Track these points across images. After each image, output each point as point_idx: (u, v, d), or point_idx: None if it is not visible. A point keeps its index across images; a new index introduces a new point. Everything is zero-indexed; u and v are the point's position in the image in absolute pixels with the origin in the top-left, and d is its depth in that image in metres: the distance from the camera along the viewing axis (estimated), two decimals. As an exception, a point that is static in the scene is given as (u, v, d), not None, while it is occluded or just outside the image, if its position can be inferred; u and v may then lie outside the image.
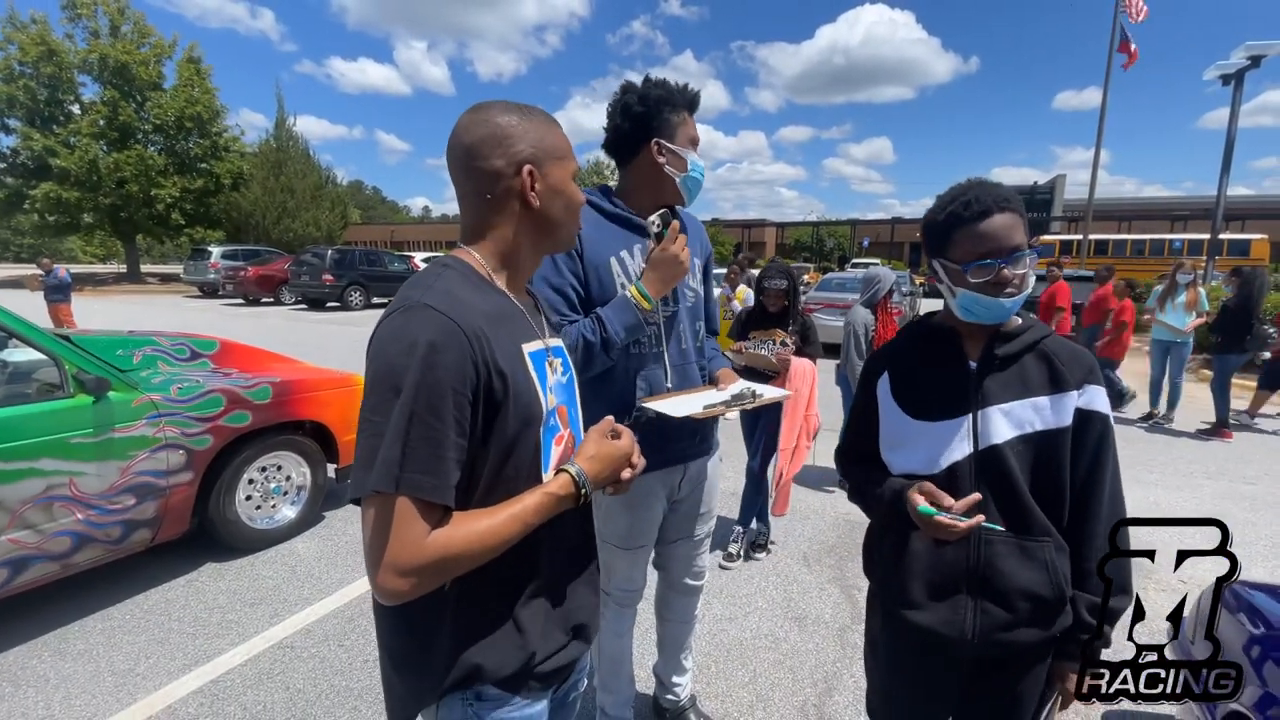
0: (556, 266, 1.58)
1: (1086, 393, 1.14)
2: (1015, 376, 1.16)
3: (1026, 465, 1.13)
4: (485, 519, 0.83)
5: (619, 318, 1.53)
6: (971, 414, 1.16)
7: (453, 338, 0.80)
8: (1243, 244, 22.74)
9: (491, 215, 0.95)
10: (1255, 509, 4.34)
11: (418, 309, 0.82)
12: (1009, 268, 1.11)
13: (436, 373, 0.78)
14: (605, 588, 1.89)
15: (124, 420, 2.69)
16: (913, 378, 1.25)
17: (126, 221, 24.59)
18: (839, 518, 3.99)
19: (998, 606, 1.14)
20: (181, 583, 3.01)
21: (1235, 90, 12.60)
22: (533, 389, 0.91)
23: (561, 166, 0.97)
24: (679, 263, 1.53)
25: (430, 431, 0.78)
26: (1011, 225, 1.11)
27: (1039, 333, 1.19)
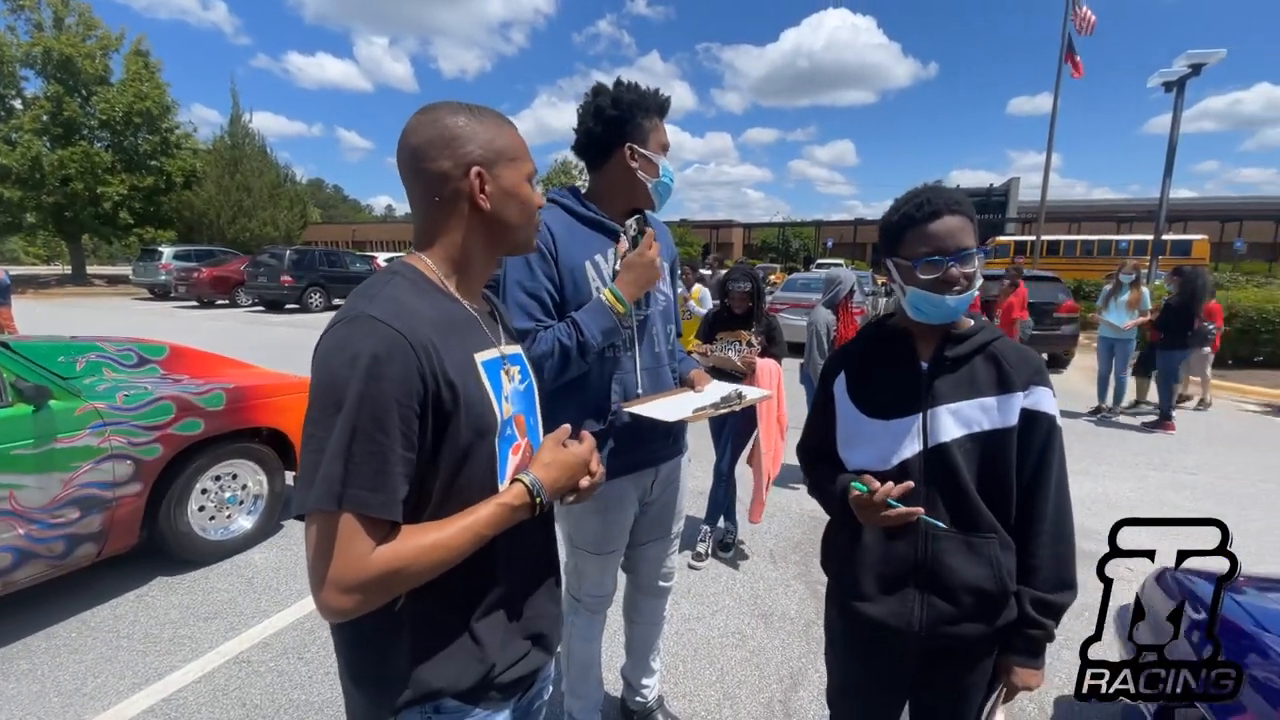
0: (531, 270, 1.57)
1: (1033, 394, 1.17)
2: (965, 377, 1.20)
3: (973, 463, 1.17)
4: (434, 532, 0.82)
5: (595, 322, 1.53)
6: (922, 413, 1.20)
7: (397, 349, 0.78)
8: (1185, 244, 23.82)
9: (441, 219, 0.93)
10: (1196, 498, 4.55)
11: (361, 320, 0.80)
12: (956, 266, 1.15)
13: (380, 385, 0.76)
14: (575, 593, 1.88)
15: (66, 430, 2.57)
16: (868, 377, 1.29)
17: (71, 221, 23.53)
18: (804, 515, 4.05)
19: (943, 600, 1.19)
20: (131, 598, 2.90)
21: (1177, 97, 13.19)
22: (486, 399, 0.89)
23: (514, 168, 0.94)
24: (653, 267, 1.54)
25: (374, 446, 0.76)
26: (960, 227, 1.16)
27: (989, 335, 1.23)
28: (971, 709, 1.25)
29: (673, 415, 1.49)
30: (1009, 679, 1.21)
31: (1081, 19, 16.48)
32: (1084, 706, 2.29)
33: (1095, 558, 1.06)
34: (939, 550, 1.18)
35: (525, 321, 1.56)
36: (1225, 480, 4.97)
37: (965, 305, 1.19)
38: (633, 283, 1.54)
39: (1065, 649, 2.62)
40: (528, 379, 1.05)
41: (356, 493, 0.75)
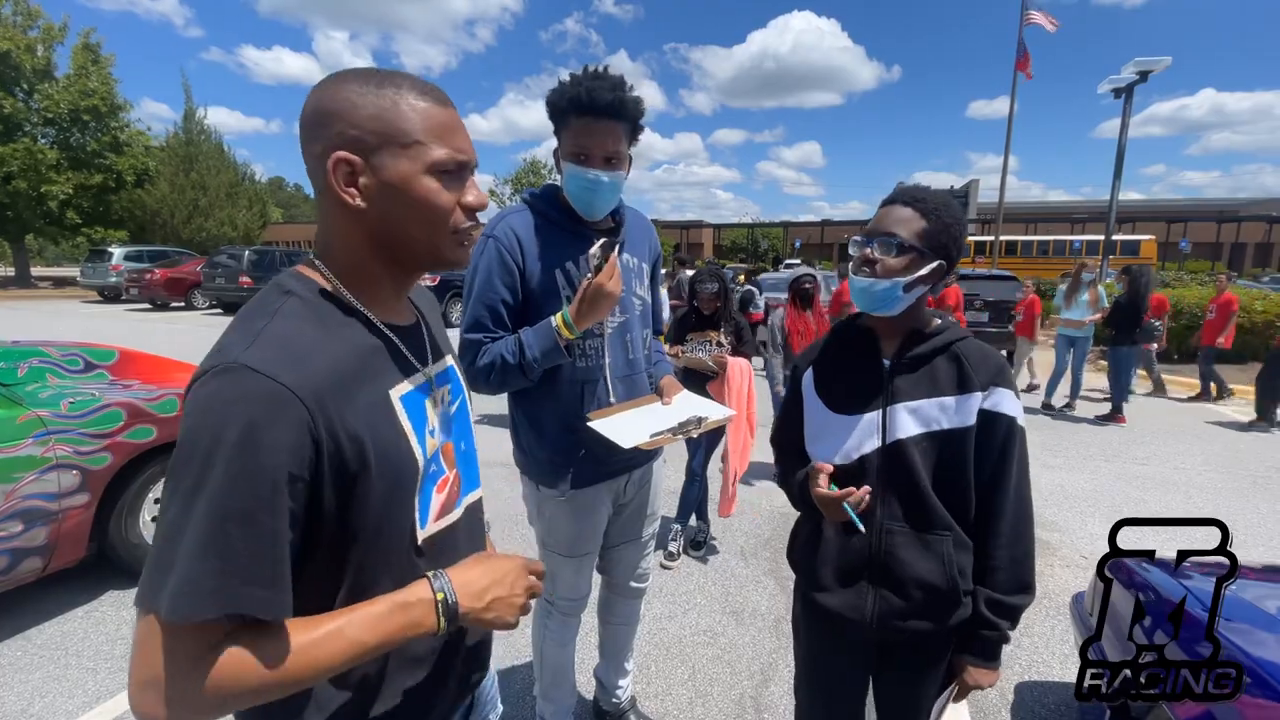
0: (490, 280, 1.54)
1: (993, 395, 1.17)
2: (925, 376, 1.21)
3: (930, 461, 1.18)
4: (304, 632, 0.65)
5: (538, 343, 1.49)
6: (881, 410, 1.22)
7: (279, 408, 0.63)
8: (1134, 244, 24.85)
9: (325, 218, 0.76)
10: (1145, 488, 4.73)
11: (235, 372, 0.63)
12: (869, 248, 1.17)
13: (258, 459, 0.61)
14: (549, 597, 1.86)
15: (7, 439, 2.45)
16: (834, 373, 1.31)
17: (13, 221, 22.40)
18: (774, 511, 4.09)
19: (894, 594, 1.21)
20: (80, 613, 2.77)
21: (1126, 102, 13.73)
22: (403, 445, 0.75)
23: (406, 156, 0.71)
24: (610, 296, 1.47)
25: (252, 533, 0.61)
26: (898, 217, 1.16)
27: (953, 335, 1.23)
28: (928, 702, 1.27)
29: (629, 440, 1.47)
30: (963, 678, 1.22)
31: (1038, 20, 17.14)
32: (1042, 692, 2.37)
33: (1053, 547, 1.09)
34: (892, 545, 1.20)
35: (474, 333, 1.54)
36: (1174, 470, 5.18)
37: (878, 296, 1.17)
38: (587, 312, 1.47)
39: (1025, 635, 2.70)
40: (459, 396, 0.92)
41: (235, 593, 0.60)
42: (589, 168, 1.50)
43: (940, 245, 1.16)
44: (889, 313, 1.20)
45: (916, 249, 1.14)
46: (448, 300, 14.16)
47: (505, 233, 1.55)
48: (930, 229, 1.15)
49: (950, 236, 1.16)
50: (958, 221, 1.17)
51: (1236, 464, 5.37)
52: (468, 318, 1.55)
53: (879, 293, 1.17)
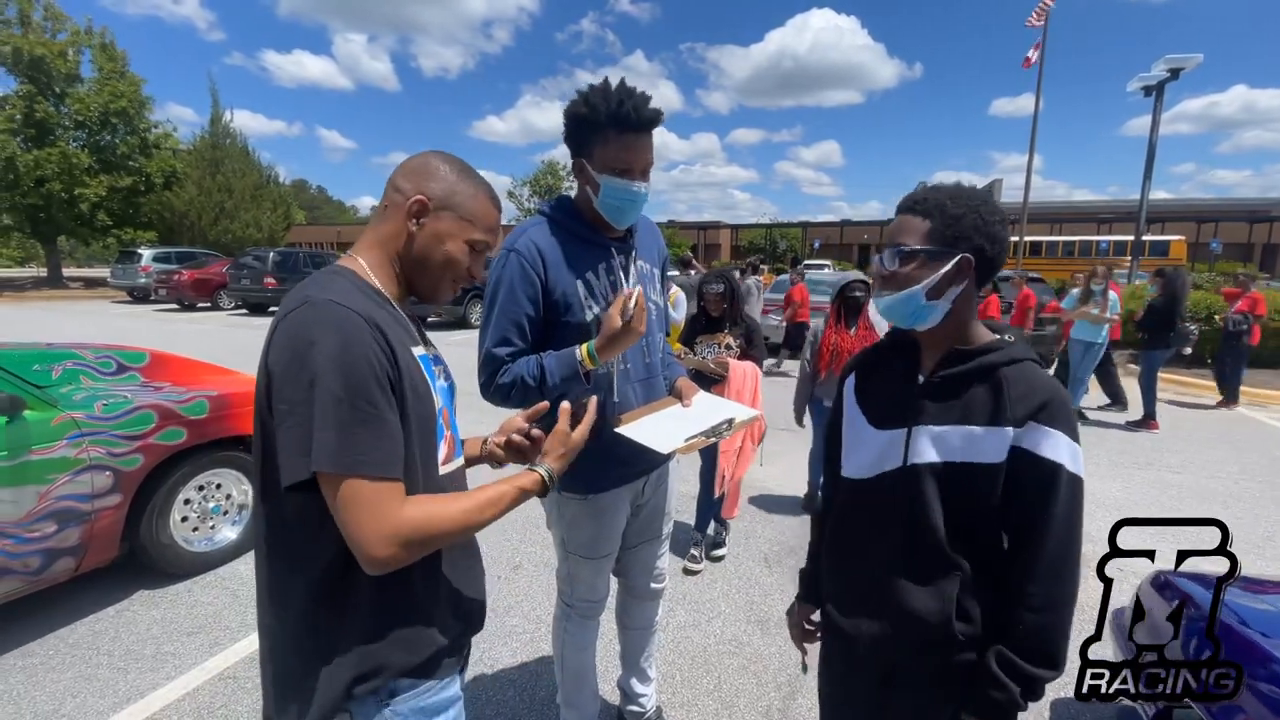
0: (513, 293, 1.54)
1: (1032, 433, 1.01)
2: (958, 399, 1.09)
3: (947, 494, 1.09)
4: (462, 502, 0.93)
5: (560, 370, 1.51)
6: (907, 428, 1.13)
7: (359, 326, 0.86)
8: (1163, 245, 24.29)
9: (380, 224, 1.03)
10: (1181, 497, 4.60)
11: (321, 304, 0.87)
12: (880, 264, 1.13)
13: (353, 354, 0.84)
14: (568, 599, 1.85)
15: (42, 441, 2.49)
16: (874, 383, 1.26)
17: (47, 223, 23.04)
18: (798, 519, 4.03)
19: (885, 620, 1.14)
20: (110, 613, 2.81)
21: (1156, 100, 13.44)
22: (426, 385, 0.99)
23: (460, 226, 1.02)
24: (636, 334, 1.48)
25: (364, 411, 0.84)
26: (902, 226, 1.10)
27: (1002, 358, 1.08)
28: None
29: (665, 445, 1.45)
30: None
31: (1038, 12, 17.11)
32: (1079, 711, 2.30)
33: (1087, 559, 1.02)
34: (893, 571, 1.14)
35: (500, 348, 1.55)
36: (1210, 479, 5.03)
37: (898, 311, 1.12)
38: (611, 348, 1.48)
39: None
40: (450, 380, 1.13)
41: (359, 455, 0.82)
42: (633, 181, 1.52)
43: (955, 238, 1.05)
44: (926, 325, 1.12)
45: (924, 251, 1.06)
46: (468, 301, 14.29)
47: (527, 246, 1.55)
48: (936, 226, 1.06)
49: (968, 226, 1.05)
50: (973, 209, 1.06)
51: (1276, 473, 5.20)
52: (493, 333, 1.56)
53: (898, 306, 1.11)
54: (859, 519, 1.22)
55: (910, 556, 1.12)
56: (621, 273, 1.65)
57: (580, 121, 1.49)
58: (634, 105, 1.45)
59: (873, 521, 1.18)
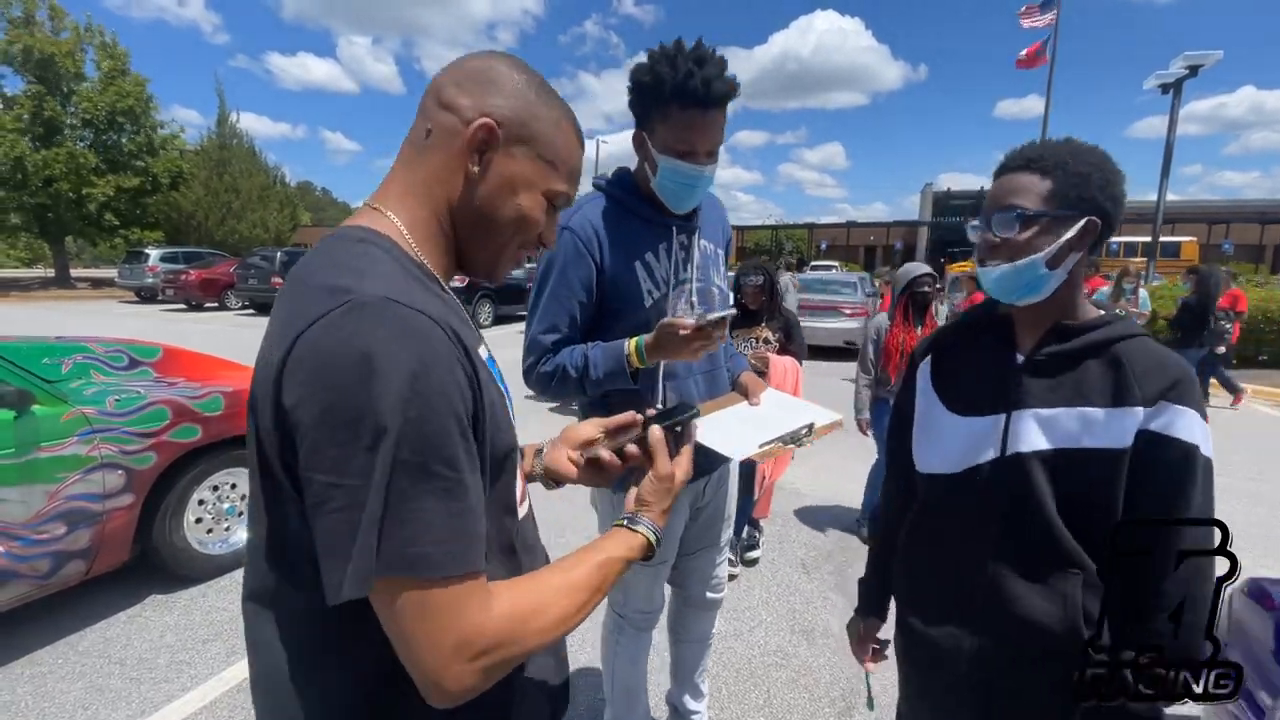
0: (565, 276, 1.40)
1: (1163, 413, 0.91)
2: (1070, 379, 0.97)
3: (1059, 485, 0.96)
4: (556, 589, 0.66)
5: (605, 364, 1.38)
6: (1005, 414, 1.00)
7: (440, 343, 0.58)
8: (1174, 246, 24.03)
9: (419, 161, 0.70)
10: (1227, 500, 4.42)
11: (375, 305, 0.57)
12: (989, 231, 0.97)
13: (429, 397, 0.55)
14: (620, 610, 1.72)
15: (51, 438, 2.36)
16: (956, 364, 1.12)
17: (55, 222, 23.00)
18: (834, 521, 3.88)
19: (997, 636, 1.00)
20: (122, 619, 2.68)
21: (1174, 98, 13.22)
22: (505, 408, 0.72)
23: (539, 170, 0.72)
24: (694, 355, 1.33)
25: (442, 482, 0.56)
26: (1014, 186, 0.96)
27: (1118, 331, 0.98)
28: None
29: (737, 450, 1.30)
30: None
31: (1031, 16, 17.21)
32: None
33: None
34: (1000, 577, 0.99)
35: (548, 335, 1.42)
36: (1253, 481, 4.85)
37: (1012, 283, 0.97)
38: (664, 352, 1.34)
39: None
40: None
41: (435, 548, 0.56)
42: (694, 163, 1.36)
43: (1080, 199, 0.94)
44: (1035, 298, 0.99)
45: (1046, 214, 0.94)
46: (477, 301, 14.14)
47: (582, 224, 1.42)
48: (1058, 186, 0.94)
49: (1093, 185, 0.94)
50: (1097, 166, 0.95)
51: (1321, 476, 5.02)
52: (542, 318, 1.43)
53: (1014, 277, 0.97)
54: (946, 518, 1.08)
55: (1017, 556, 0.99)
56: (683, 254, 1.51)
57: (643, 91, 1.34)
58: (703, 78, 1.27)
59: (965, 520, 1.05)
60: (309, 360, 0.55)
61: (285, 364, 0.56)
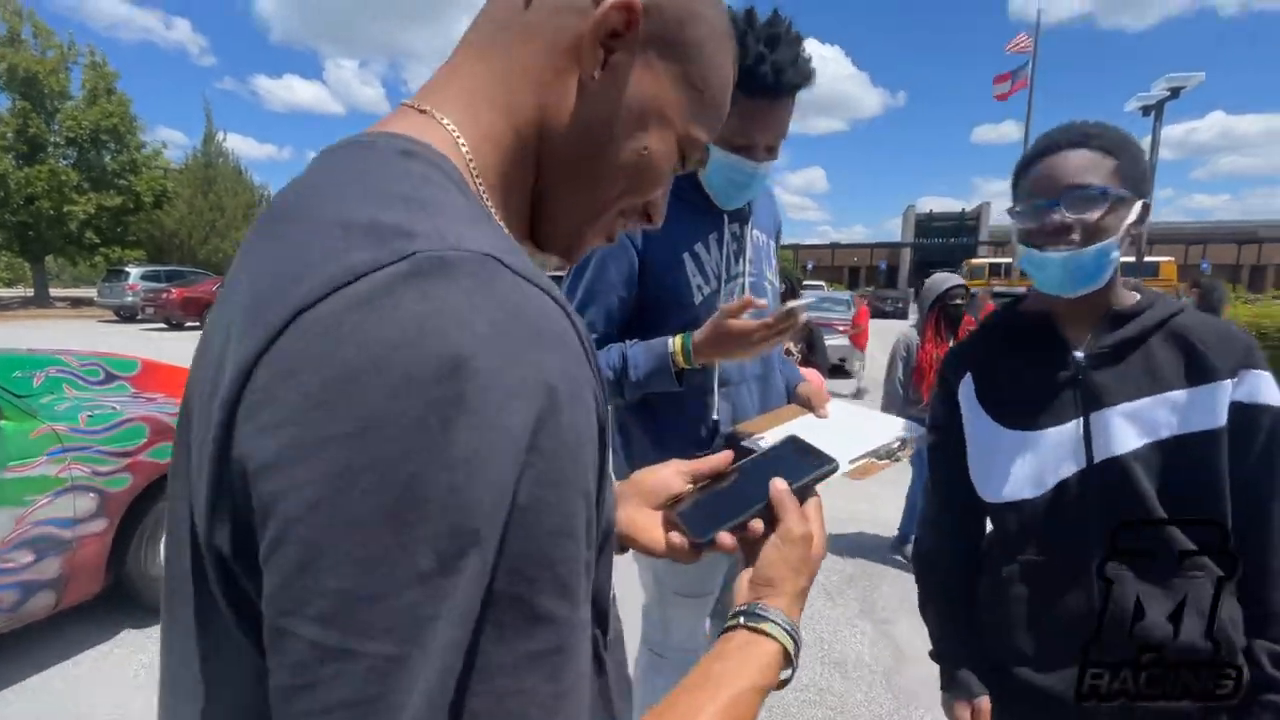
0: (604, 270, 1.25)
1: (1246, 380, 0.88)
2: (1139, 367, 0.91)
3: (1164, 482, 0.89)
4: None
5: (646, 363, 1.21)
6: (1081, 418, 0.92)
7: (571, 350, 0.33)
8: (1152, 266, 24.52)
9: (508, 44, 0.44)
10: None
11: (468, 266, 0.31)
12: (1060, 210, 0.88)
13: (559, 455, 0.30)
14: (659, 649, 1.54)
15: (19, 457, 2.15)
16: (1002, 376, 1.01)
17: (35, 240, 22.59)
18: (854, 543, 3.71)
19: (1133, 665, 0.89)
20: (93, 656, 2.45)
21: (1156, 119, 13.51)
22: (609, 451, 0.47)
23: (680, 93, 0.46)
24: (749, 349, 1.18)
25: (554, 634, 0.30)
26: (1080, 163, 0.89)
27: (1166, 308, 0.93)
28: None
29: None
30: None
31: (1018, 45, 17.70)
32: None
33: None
34: (1121, 596, 0.89)
35: None
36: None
37: (1087, 269, 0.89)
38: (717, 351, 1.17)
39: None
40: None
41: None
42: (751, 158, 1.21)
43: (1139, 181, 0.91)
44: (1095, 285, 0.91)
45: (1118, 195, 0.89)
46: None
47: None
48: (1123, 165, 0.89)
49: (1144, 167, 0.93)
50: (1140, 149, 0.95)
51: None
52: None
53: (1089, 263, 0.89)
54: (1039, 547, 0.96)
55: (1134, 574, 0.89)
56: (735, 245, 1.37)
57: None
58: (774, 65, 1.10)
59: (1063, 545, 0.94)
60: (315, 368, 0.28)
61: (253, 375, 0.29)
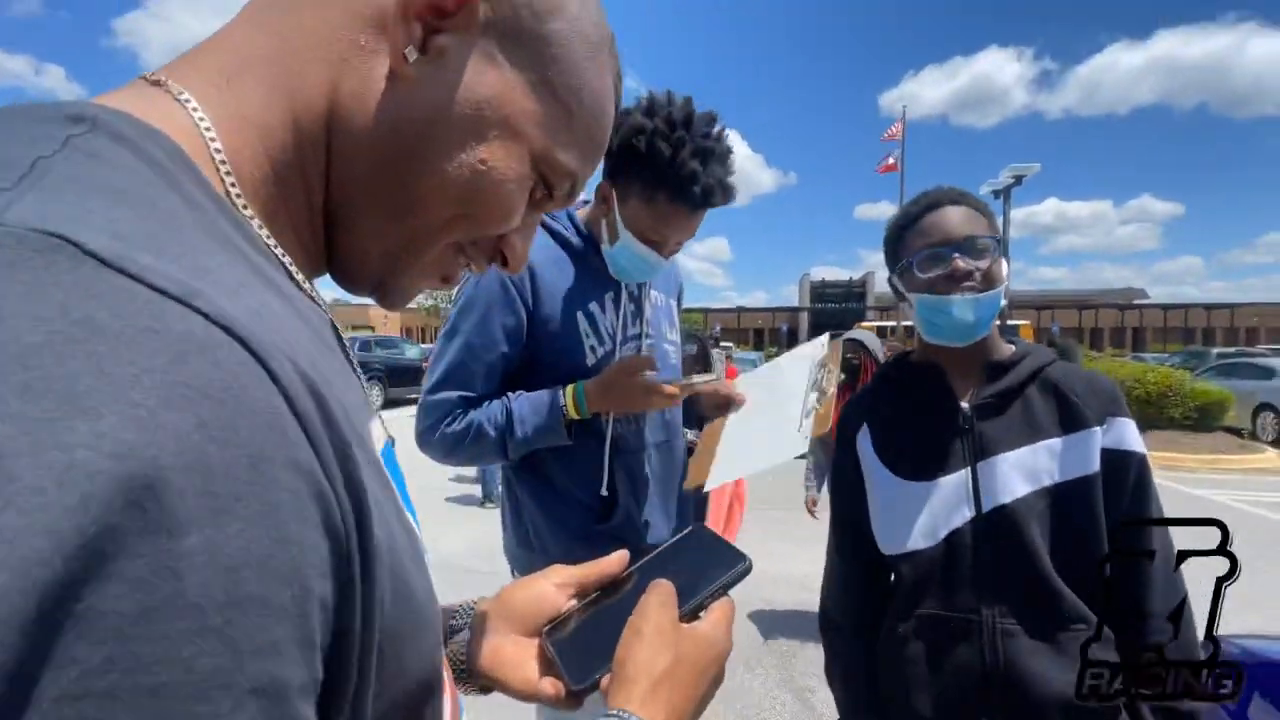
0: (486, 322, 1.16)
1: (1113, 428, 0.93)
2: (1020, 416, 0.96)
3: (1047, 528, 0.92)
4: None
5: (534, 417, 1.14)
6: (969, 468, 0.95)
7: (254, 408, 0.21)
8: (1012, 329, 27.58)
9: (293, 10, 0.34)
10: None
11: (84, 269, 0.20)
12: (963, 257, 0.93)
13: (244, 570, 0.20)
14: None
15: None
16: (896, 428, 1.04)
17: None
18: (771, 605, 3.64)
19: (1023, 714, 0.90)
20: None
21: (1005, 202, 15.43)
22: (420, 559, 0.34)
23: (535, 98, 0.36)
24: (646, 403, 1.17)
25: None
26: (967, 217, 0.96)
27: (1040, 359, 0.99)
28: None
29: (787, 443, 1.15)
30: None
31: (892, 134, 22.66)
32: None
33: None
34: (1012, 653, 0.90)
35: (451, 390, 1.16)
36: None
37: (987, 313, 0.94)
38: (609, 400, 1.16)
39: None
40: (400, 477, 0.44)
41: None
42: (659, 252, 1.21)
43: (1001, 242, 0.99)
44: (984, 333, 0.97)
45: (998, 247, 0.97)
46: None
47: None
48: (991, 225, 0.98)
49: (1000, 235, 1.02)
50: None
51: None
52: (445, 366, 1.17)
53: (990, 305, 0.95)
54: (935, 598, 0.96)
55: (1021, 624, 0.90)
56: (633, 306, 1.32)
57: (632, 156, 1.12)
58: (705, 186, 1.11)
59: (957, 594, 0.94)
60: None
61: None
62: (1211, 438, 9.22)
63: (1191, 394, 9.62)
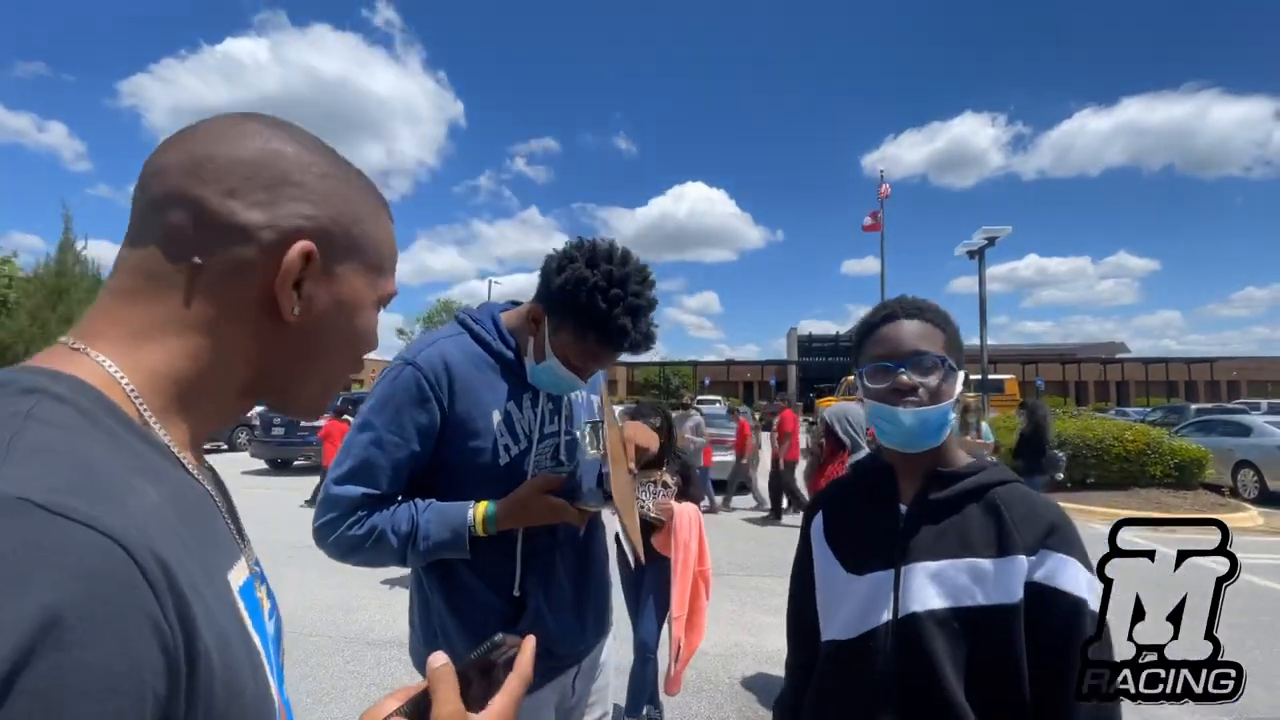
0: (398, 420, 1.17)
1: (1046, 562, 0.88)
2: (953, 528, 0.94)
3: (959, 650, 0.88)
4: None
5: (439, 532, 1.15)
6: (894, 569, 0.95)
7: (108, 585, 0.33)
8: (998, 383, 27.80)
9: (186, 300, 0.46)
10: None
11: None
12: (907, 373, 0.96)
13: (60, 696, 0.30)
14: None
15: None
16: (847, 520, 1.07)
17: None
18: (735, 686, 3.55)
19: None
20: None
21: (980, 262, 15.84)
22: (258, 669, 0.44)
23: (364, 277, 0.54)
24: (555, 517, 1.23)
25: None
26: (916, 332, 0.99)
27: (992, 477, 0.97)
28: None
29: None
30: None
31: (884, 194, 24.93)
32: None
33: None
34: None
35: (355, 485, 1.15)
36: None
37: (931, 425, 0.96)
38: (522, 517, 1.20)
39: None
40: (277, 614, 0.56)
41: None
42: (580, 377, 1.30)
43: (960, 354, 1.02)
44: (934, 443, 0.98)
45: (948, 364, 0.98)
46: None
47: (432, 363, 1.20)
48: (949, 338, 1.01)
49: (961, 342, 1.04)
50: (957, 325, 1.06)
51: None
52: (354, 462, 1.16)
53: (936, 419, 0.96)
54: (846, 692, 0.96)
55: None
56: (551, 405, 1.35)
57: (572, 301, 1.18)
58: (631, 340, 1.22)
59: (866, 694, 0.93)
60: None
61: None
62: (1194, 495, 9.26)
63: (1170, 452, 9.71)
